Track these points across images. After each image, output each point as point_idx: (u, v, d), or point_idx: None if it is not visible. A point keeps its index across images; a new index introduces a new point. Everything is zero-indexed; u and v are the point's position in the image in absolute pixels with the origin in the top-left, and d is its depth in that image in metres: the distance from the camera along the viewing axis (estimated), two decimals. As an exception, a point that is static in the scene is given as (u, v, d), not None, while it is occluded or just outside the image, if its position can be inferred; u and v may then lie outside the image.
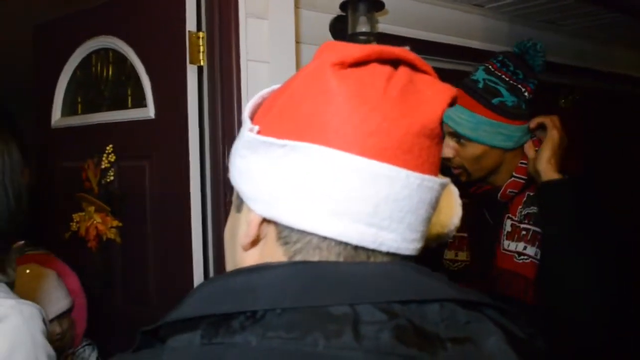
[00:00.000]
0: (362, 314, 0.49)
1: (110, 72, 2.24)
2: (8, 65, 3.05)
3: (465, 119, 1.47)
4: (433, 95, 0.58)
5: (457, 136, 1.51)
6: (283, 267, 0.53)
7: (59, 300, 1.68)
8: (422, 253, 1.64)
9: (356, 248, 0.55)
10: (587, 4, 2.92)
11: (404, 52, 0.59)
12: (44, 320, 1.07)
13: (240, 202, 0.62)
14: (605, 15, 3.09)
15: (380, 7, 2.38)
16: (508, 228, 1.50)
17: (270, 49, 1.96)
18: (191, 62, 1.93)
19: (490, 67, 1.53)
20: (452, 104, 0.59)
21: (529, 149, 1.49)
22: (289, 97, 0.58)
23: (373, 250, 0.55)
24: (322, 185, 0.54)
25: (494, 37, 3.02)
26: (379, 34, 2.47)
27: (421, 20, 2.68)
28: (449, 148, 1.52)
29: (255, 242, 0.60)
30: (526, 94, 1.50)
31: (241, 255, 0.62)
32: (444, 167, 1.58)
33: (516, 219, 1.50)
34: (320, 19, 2.34)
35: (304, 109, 0.56)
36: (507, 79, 1.49)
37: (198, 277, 1.88)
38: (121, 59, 2.15)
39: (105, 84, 2.26)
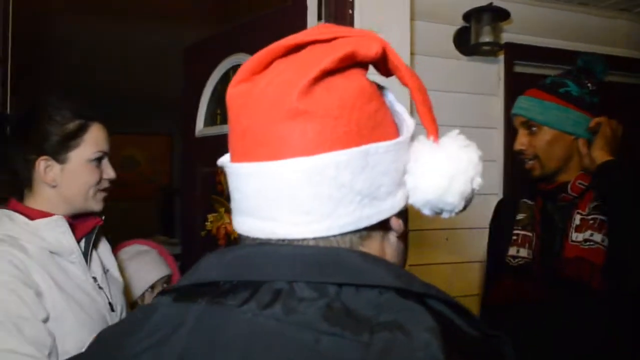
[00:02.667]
0: (297, 291, 0.55)
1: (244, 86, 2.46)
2: (169, 87, 3.45)
3: (535, 105, 1.61)
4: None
5: (528, 126, 1.62)
6: (240, 248, 0.62)
7: (161, 266, 1.99)
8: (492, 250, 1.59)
9: (255, 239, 0.62)
10: None
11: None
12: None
13: None
14: None
15: (506, 16, 2.34)
16: (577, 222, 1.55)
17: (385, 61, 2.03)
18: (311, 75, 2.06)
19: (557, 75, 1.70)
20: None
21: (582, 147, 1.58)
22: None
23: (271, 240, 0.61)
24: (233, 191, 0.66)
25: (642, 44, 2.78)
26: (507, 44, 2.42)
27: (555, 28, 2.57)
28: (521, 139, 1.63)
29: None
30: (589, 84, 1.62)
31: None
32: (519, 162, 1.68)
33: (585, 213, 1.55)
34: (436, 30, 2.36)
35: None
36: (571, 78, 1.62)
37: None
38: (252, 74, 2.35)
39: (240, 97, 2.48)
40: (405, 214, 0.67)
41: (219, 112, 2.62)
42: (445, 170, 0.63)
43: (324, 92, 0.58)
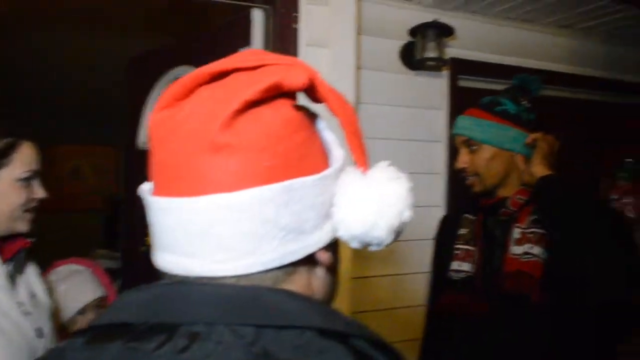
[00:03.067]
0: (215, 334, 0.52)
1: (188, 99, 2.42)
2: (117, 96, 3.38)
3: (474, 124, 1.66)
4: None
5: (468, 144, 1.67)
6: (158, 287, 0.58)
7: (94, 288, 1.92)
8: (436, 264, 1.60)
9: (174, 276, 0.59)
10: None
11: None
12: None
13: None
14: None
15: (450, 32, 2.37)
16: (517, 235, 1.59)
17: (329, 75, 2.01)
18: (255, 91, 2.03)
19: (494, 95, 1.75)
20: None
21: (520, 162, 1.63)
22: None
23: (189, 277, 0.58)
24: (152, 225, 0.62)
25: (585, 60, 2.85)
26: (452, 59, 2.45)
27: (499, 44, 2.62)
28: (463, 158, 1.68)
29: None
30: (524, 102, 1.68)
31: None
32: (462, 179, 1.71)
33: (524, 226, 1.58)
34: (383, 45, 2.38)
35: None
36: (507, 95, 1.70)
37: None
38: (197, 87, 2.31)
39: (184, 110, 2.44)
40: (334, 246, 0.65)
41: (162, 124, 2.56)
42: (373, 204, 0.61)
43: (248, 124, 0.56)
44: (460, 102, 2.49)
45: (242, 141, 0.55)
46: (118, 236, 4.93)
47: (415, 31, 2.37)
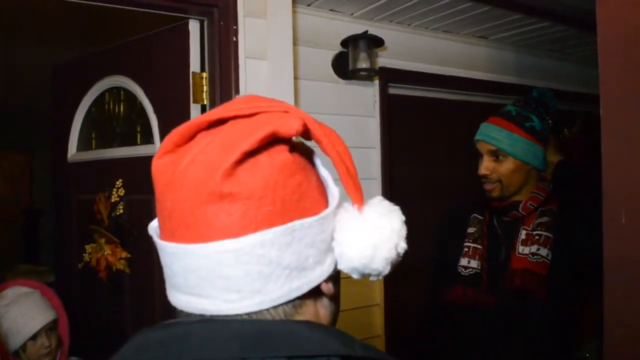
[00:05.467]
0: None
1: (121, 110, 2.36)
2: (29, 103, 3.22)
3: (504, 136, 1.77)
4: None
5: (495, 154, 1.79)
6: (178, 325, 0.61)
7: (45, 311, 1.85)
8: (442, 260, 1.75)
9: (191, 315, 0.63)
10: (593, 33, 2.94)
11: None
12: None
13: None
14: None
15: (380, 43, 2.46)
16: (523, 236, 1.76)
17: (269, 87, 2.05)
18: (194, 102, 2.02)
19: (516, 104, 1.86)
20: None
21: (536, 174, 1.81)
22: None
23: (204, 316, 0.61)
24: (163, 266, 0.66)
25: (499, 67, 3.06)
26: (381, 68, 2.55)
27: (423, 53, 2.75)
28: (487, 165, 1.79)
29: None
30: (550, 121, 1.83)
31: None
32: (479, 184, 1.83)
33: (530, 229, 1.75)
34: (319, 55, 2.45)
35: None
36: (533, 111, 1.81)
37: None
38: (132, 97, 2.27)
39: (117, 121, 2.38)
40: (335, 277, 0.69)
41: (94, 135, 2.49)
42: (369, 240, 0.64)
43: (248, 173, 0.59)
44: (391, 109, 2.61)
45: (243, 190, 0.58)
46: (38, 249, 4.69)
47: (347, 42, 2.45)
